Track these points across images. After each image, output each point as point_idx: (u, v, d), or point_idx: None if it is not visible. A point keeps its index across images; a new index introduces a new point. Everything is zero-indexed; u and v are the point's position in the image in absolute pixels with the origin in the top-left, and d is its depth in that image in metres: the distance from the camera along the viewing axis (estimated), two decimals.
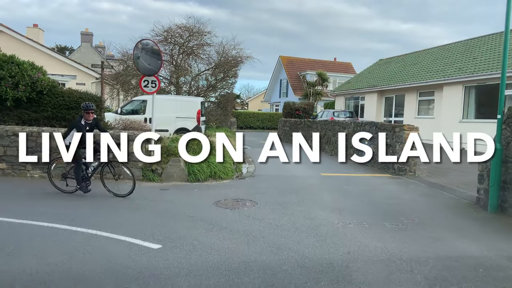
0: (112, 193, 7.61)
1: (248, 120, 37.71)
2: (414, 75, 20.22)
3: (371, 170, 12.51)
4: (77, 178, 7.47)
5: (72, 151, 6.85)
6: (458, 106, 16.58)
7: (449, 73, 17.30)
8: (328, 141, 18.01)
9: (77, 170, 7.42)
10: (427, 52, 22.93)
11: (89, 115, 7.40)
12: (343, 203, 7.73)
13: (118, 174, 7.83)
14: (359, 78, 26.87)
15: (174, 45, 20.20)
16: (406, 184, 10.07)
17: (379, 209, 7.34)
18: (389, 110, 22.48)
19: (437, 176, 11.05)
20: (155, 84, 9.79)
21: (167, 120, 15.12)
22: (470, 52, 18.29)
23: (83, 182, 7.49)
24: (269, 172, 11.67)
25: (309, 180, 10.35)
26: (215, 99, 21.48)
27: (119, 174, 7.95)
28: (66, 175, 7.71)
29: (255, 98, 62.29)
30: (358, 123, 15.01)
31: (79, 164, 7.38)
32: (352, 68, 47.67)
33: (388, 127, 12.36)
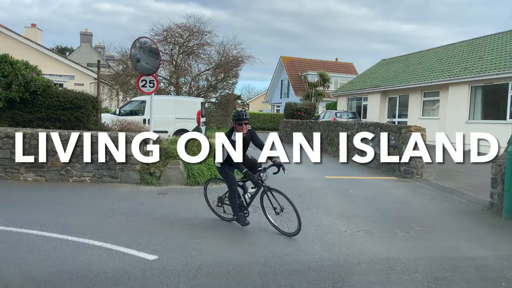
0: (276, 227, 5.84)
1: (249, 121, 37.32)
2: (419, 75, 19.86)
3: (376, 173, 12.14)
4: (233, 206, 5.96)
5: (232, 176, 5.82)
6: (464, 107, 16.20)
7: (454, 73, 16.93)
8: (331, 143, 17.65)
9: (232, 196, 5.91)
10: (431, 52, 22.57)
11: (243, 126, 5.69)
12: (350, 208, 7.36)
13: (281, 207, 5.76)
14: (362, 78, 26.51)
15: (174, 45, 19.88)
16: (413, 187, 9.70)
17: (388, 215, 6.98)
18: (392, 110, 22.11)
19: (445, 179, 10.68)
20: (153, 84, 9.43)
21: (166, 121, 14.78)
22: (476, 52, 17.92)
23: (240, 211, 5.96)
24: (271, 175, 11.31)
25: (313, 183, 9.99)
26: (216, 100, 21.14)
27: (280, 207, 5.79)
28: (223, 200, 6.37)
29: (256, 99, 61.95)
30: (361, 124, 14.65)
31: (234, 189, 5.87)
32: (354, 69, 47.33)
33: (394, 128, 11.99)
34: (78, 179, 9.01)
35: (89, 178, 9.04)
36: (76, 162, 8.98)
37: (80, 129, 9.54)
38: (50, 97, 9.23)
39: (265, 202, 5.93)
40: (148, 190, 8.53)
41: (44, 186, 8.53)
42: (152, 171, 9.16)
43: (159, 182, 9.15)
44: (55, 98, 9.23)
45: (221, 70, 20.26)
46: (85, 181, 9.03)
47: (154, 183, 9.08)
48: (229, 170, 5.87)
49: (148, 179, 9.09)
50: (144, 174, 9.13)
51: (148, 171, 9.16)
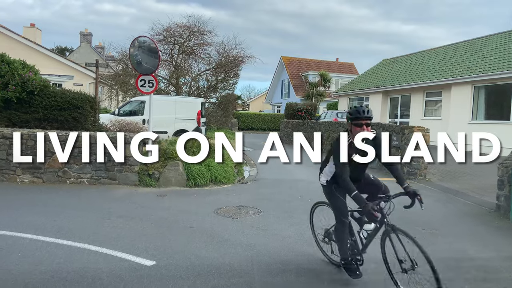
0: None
1: (249, 121, 37.19)
2: (421, 75, 19.69)
3: (378, 174, 11.87)
4: (340, 245, 4.20)
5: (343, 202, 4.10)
6: (467, 107, 16.03)
7: (457, 72, 16.76)
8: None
9: (340, 231, 4.18)
10: (433, 51, 22.40)
11: (363, 128, 3.96)
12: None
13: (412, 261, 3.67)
14: (363, 78, 26.34)
15: (173, 45, 19.72)
16: (417, 189, 9.51)
17: (392, 218, 6.79)
18: (394, 111, 21.94)
19: (449, 180, 10.50)
20: (153, 84, 9.27)
21: (166, 122, 14.62)
22: (478, 52, 17.75)
23: (351, 256, 4.16)
24: (272, 176, 11.14)
25: (314, 184, 9.78)
26: (216, 100, 20.97)
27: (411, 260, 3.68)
28: (330, 235, 4.56)
29: (256, 99, 61.78)
30: None
31: (343, 221, 4.14)
32: (355, 69, 47.16)
33: (397, 128, 11.83)
34: (75, 180, 8.85)
35: (87, 179, 8.87)
36: (74, 164, 8.82)
37: (78, 129, 9.38)
38: (47, 97, 9.07)
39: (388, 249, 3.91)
40: (146, 192, 8.36)
41: (41, 187, 8.37)
42: (151, 173, 9.00)
43: (158, 183, 8.98)
44: (52, 98, 9.07)
45: (221, 70, 20.10)
46: (83, 182, 8.87)
47: (153, 184, 8.92)
48: (338, 191, 4.14)
49: (147, 180, 8.93)
50: (143, 175, 8.96)
51: (146, 173, 8.99)
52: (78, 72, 21.21)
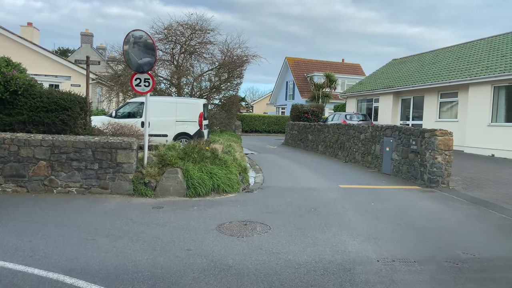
0: None
1: (254, 124, 36.32)
2: (435, 74, 18.72)
3: (395, 181, 11.03)
4: None
5: None
6: (486, 109, 15.05)
7: (475, 72, 15.78)
8: (342, 147, 16.55)
9: None
10: (446, 50, 21.43)
11: None
12: (377, 228, 6.26)
13: None
14: (372, 78, 25.37)
15: (175, 44, 18.86)
16: (443, 200, 8.57)
17: (424, 237, 5.87)
18: (405, 113, 20.97)
19: (475, 188, 9.54)
20: (149, 83, 8.39)
21: (166, 124, 13.76)
22: (497, 50, 16.76)
23: None
24: (280, 183, 10.24)
25: (327, 194, 8.90)
26: (219, 101, 20.09)
27: None
28: None
29: (261, 101, 60.92)
30: (377, 127, 13.53)
31: None
32: (361, 70, 46.20)
33: (415, 132, 10.88)
34: (63, 190, 7.97)
35: (76, 188, 8.00)
36: (61, 171, 7.95)
37: (67, 133, 8.51)
38: (32, 97, 8.20)
39: None
40: (141, 203, 7.47)
41: (24, 198, 7.49)
42: (146, 181, 8.10)
43: (155, 193, 8.09)
44: (38, 99, 8.20)
45: (224, 70, 19.21)
46: (71, 192, 7.99)
47: (149, 194, 8.02)
48: None
49: (142, 189, 8.03)
50: (138, 184, 8.07)
51: (142, 181, 8.10)
52: (75, 72, 20.40)
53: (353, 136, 15.56)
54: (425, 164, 10.19)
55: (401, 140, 11.70)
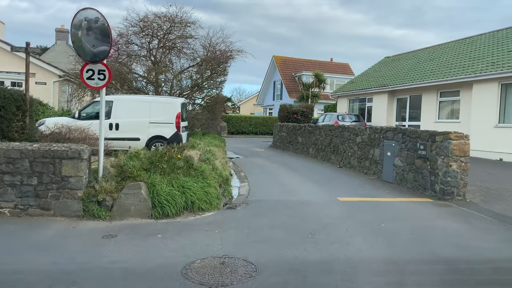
0: None
1: (240, 125, 34.71)
2: (433, 72, 17.43)
3: (400, 191, 9.58)
4: None
5: None
6: (493, 108, 13.76)
7: (480, 68, 14.51)
8: (335, 150, 15.09)
9: None
10: (443, 47, 20.21)
11: None
12: (396, 261, 4.74)
13: None
14: (364, 77, 24.02)
15: (152, 37, 17.15)
16: (464, 217, 7.11)
17: (460, 275, 4.37)
18: (401, 113, 19.65)
19: (496, 201, 8.14)
20: (104, 76, 6.74)
21: (137, 126, 12.08)
22: (502, 45, 15.54)
23: None
24: (268, 195, 8.69)
25: (325, 210, 7.37)
26: (202, 101, 18.43)
27: None
28: None
29: (247, 101, 59.37)
30: (376, 129, 12.10)
31: None
32: (350, 69, 45.07)
33: (424, 135, 9.44)
34: None
35: (9, 209, 6.29)
36: None
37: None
38: None
39: None
40: (89, 229, 5.80)
41: None
42: (100, 199, 6.44)
43: (111, 214, 6.43)
44: None
45: (207, 67, 17.58)
46: (3, 214, 6.28)
47: (103, 216, 6.36)
48: None
49: (95, 210, 6.36)
50: (89, 203, 6.39)
51: (95, 199, 6.43)
52: (41, 69, 18.48)
53: (347, 138, 14.10)
54: (437, 173, 8.75)
55: (406, 144, 10.26)
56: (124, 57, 16.81)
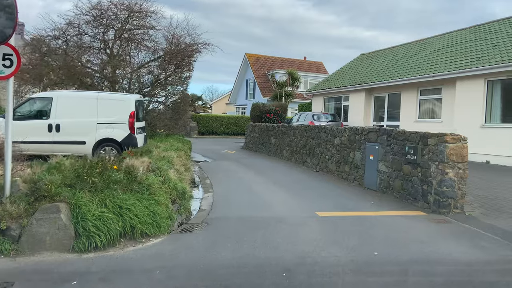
0: None
1: (211, 125, 33.05)
2: (413, 68, 16.44)
3: (387, 201, 8.34)
4: None
5: None
6: (478, 107, 12.82)
7: (464, 64, 13.55)
8: (311, 153, 13.80)
9: None
10: (422, 43, 19.33)
11: None
12: None
13: None
14: (341, 74, 22.91)
15: (107, 28, 15.29)
16: (470, 238, 5.86)
17: None
18: (379, 112, 18.62)
19: (497, 214, 6.98)
20: (12, 62, 5.06)
21: (83, 128, 10.34)
22: (485, 39, 14.68)
23: None
24: (235, 210, 7.24)
25: (303, 231, 5.97)
26: (165, 99, 16.70)
27: None
28: None
29: (219, 101, 57.64)
30: (356, 130, 10.87)
31: None
32: (324, 68, 44.21)
33: (413, 136, 8.22)
34: None
35: None
36: None
37: None
38: None
39: None
40: None
41: None
42: (3, 227, 4.77)
43: (18, 247, 4.77)
44: None
45: (170, 61, 15.89)
46: None
47: (6, 250, 4.69)
48: None
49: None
50: None
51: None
52: None
53: (325, 140, 12.83)
54: (430, 181, 7.53)
55: (391, 147, 9.04)
56: (75, 49, 14.88)
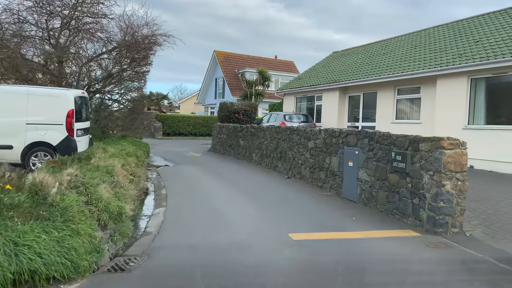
0: None
1: (177, 125, 31.24)
2: (389, 66, 15.47)
3: (370, 215, 7.14)
4: None
5: None
6: (461, 107, 11.92)
7: (445, 61, 12.63)
8: (283, 157, 12.50)
9: None
10: (398, 40, 18.47)
11: None
12: None
13: None
14: (313, 73, 21.78)
15: (51, 15, 13.41)
16: (481, 271, 4.67)
17: None
18: (354, 113, 17.59)
19: (503, 233, 5.88)
20: None
21: (9, 129, 8.57)
22: (466, 35, 13.86)
23: None
24: (188, 235, 5.77)
25: (273, 267, 4.59)
26: (119, 97, 14.95)
27: None
28: None
29: (188, 100, 55.65)
30: (333, 132, 9.66)
31: None
32: (295, 68, 43.28)
33: (401, 140, 7.03)
34: None
35: None
36: None
37: None
38: None
39: None
40: None
41: None
42: None
43: None
44: None
45: (125, 55, 14.18)
46: None
47: None
48: None
49: None
50: None
51: None
52: None
53: (297, 143, 11.56)
54: (422, 194, 6.35)
55: (374, 153, 7.84)
56: (12, 39, 12.91)
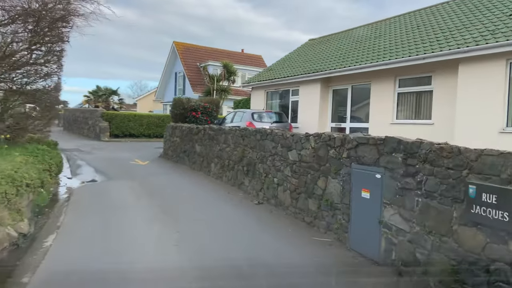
0: None
1: (128, 126, 26.77)
2: (388, 50, 12.08)
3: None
4: None
5: None
6: (497, 101, 8.65)
7: (472, 38, 9.33)
8: (250, 171, 8.80)
9: None
10: (395, 20, 15.15)
11: None
12: None
13: None
14: (287, 62, 18.13)
15: None
16: None
17: None
18: (339, 111, 14.10)
19: None
20: None
21: None
22: (497, 7, 10.63)
23: None
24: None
25: None
26: (18, 86, 10.62)
27: None
28: None
29: (147, 97, 50.86)
30: (330, 139, 6.04)
31: None
32: (263, 62, 39.70)
33: (493, 163, 3.45)
34: None
35: None
36: None
37: None
38: None
39: None
40: None
41: None
42: None
43: None
44: None
45: (30, 28, 9.96)
46: None
47: None
48: None
49: None
50: None
51: None
52: None
53: (272, 153, 7.90)
54: None
55: (418, 180, 4.26)
56: None
